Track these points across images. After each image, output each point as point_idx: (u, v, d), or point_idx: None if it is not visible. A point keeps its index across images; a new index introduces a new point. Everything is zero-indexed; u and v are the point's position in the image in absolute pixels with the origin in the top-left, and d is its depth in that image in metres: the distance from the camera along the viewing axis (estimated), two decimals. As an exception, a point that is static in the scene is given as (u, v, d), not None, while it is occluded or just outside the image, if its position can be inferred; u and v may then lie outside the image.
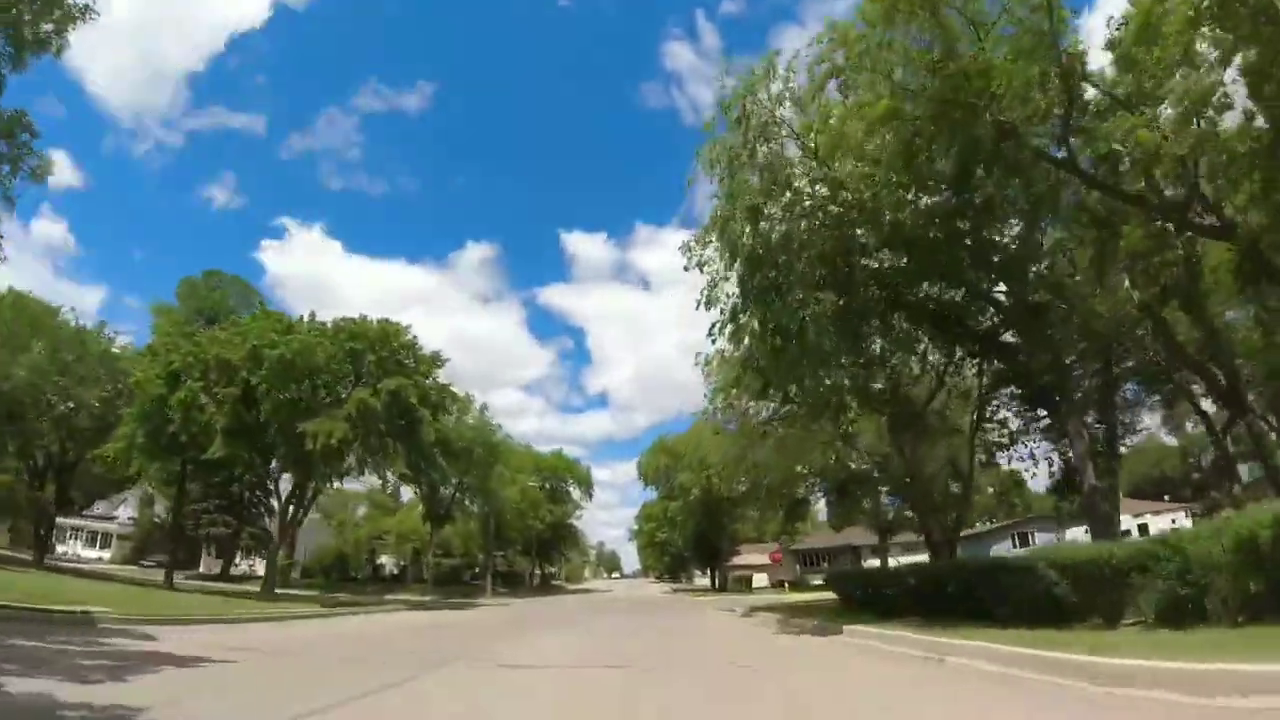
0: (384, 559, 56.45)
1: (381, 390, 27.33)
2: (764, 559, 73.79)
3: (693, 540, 64.99)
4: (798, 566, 60.00)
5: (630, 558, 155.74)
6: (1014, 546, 62.23)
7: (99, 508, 67.15)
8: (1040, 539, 62.99)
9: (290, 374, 27.24)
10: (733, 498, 58.90)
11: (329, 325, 30.34)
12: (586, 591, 62.01)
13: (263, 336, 27.69)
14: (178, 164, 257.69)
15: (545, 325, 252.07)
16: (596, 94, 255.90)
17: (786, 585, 44.92)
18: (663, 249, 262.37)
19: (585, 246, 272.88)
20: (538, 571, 72.37)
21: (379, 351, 28.98)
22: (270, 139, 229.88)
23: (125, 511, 65.50)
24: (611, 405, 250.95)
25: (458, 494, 48.14)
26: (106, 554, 61.16)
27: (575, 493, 64.05)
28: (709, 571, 66.12)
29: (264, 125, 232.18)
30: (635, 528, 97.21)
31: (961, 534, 54.01)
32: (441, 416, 31.90)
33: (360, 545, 53.72)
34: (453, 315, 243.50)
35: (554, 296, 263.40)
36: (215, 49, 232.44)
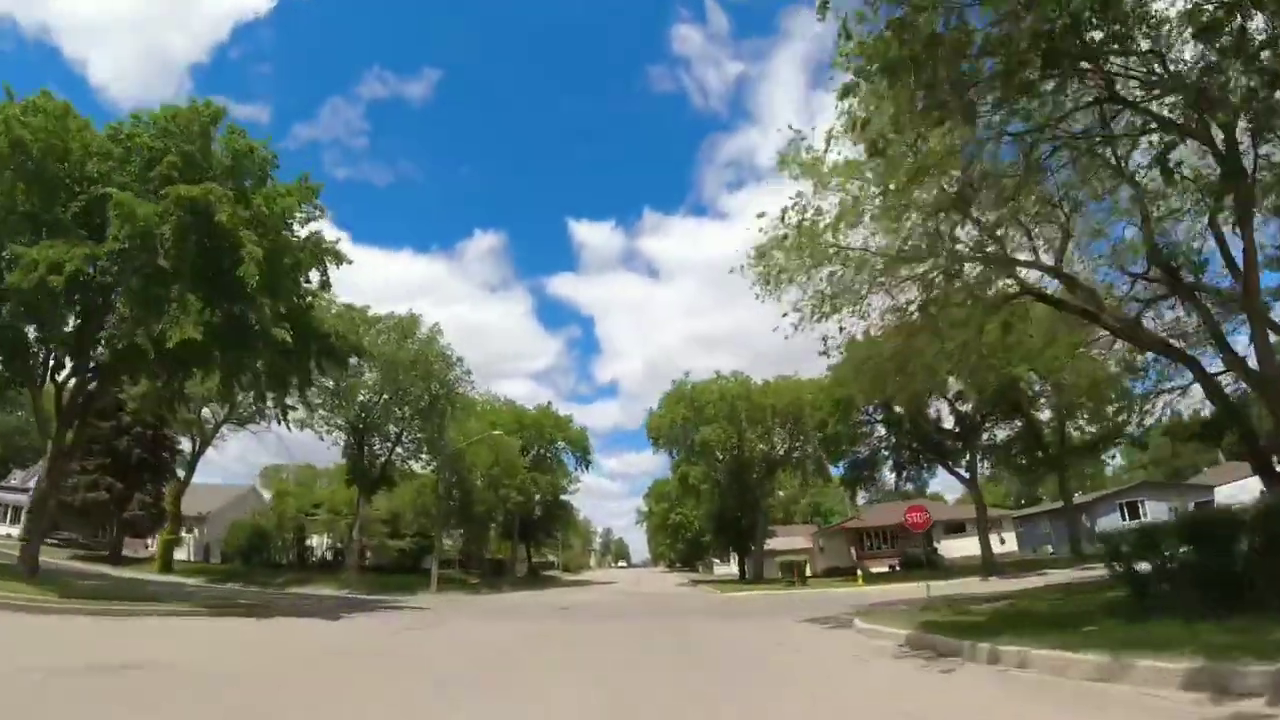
0: (316, 539, 43.84)
1: (170, 199, 14.57)
2: (802, 541, 60.87)
3: (715, 518, 52.21)
4: (852, 549, 47.13)
5: (639, 547, 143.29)
6: (1124, 519, 49.31)
7: (16, 478, 55.40)
8: (1152, 510, 49.92)
9: (20, 169, 14.71)
10: (771, 459, 46.17)
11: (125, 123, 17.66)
12: (583, 584, 49.21)
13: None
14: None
15: (553, 314, 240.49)
16: (603, 79, 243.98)
17: (860, 576, 32.21)
18: (670, 236, 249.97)
19: (592, 234, 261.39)
20: (526, 559, 59.54)
21: (186, 146, 16.22)
22: (275, 129, 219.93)
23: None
24: (621, 395, 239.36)
25: (397, 448, 35.57)
26: (16, 530, 48.87)
27: (569, 461, 51.25)
28: (737, 558, 53.27)
29: (269, 115, 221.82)
30: (644, 509, 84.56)
31: (1062, 502, 40.57)
32: (314, 292, 19.15)
33: (285, 522, 41.28)
34: (460, 305, 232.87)
35: (562, 285, 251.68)
36: (218, 39, 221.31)
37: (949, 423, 39.10)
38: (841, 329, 15.93)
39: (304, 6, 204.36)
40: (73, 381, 18.29)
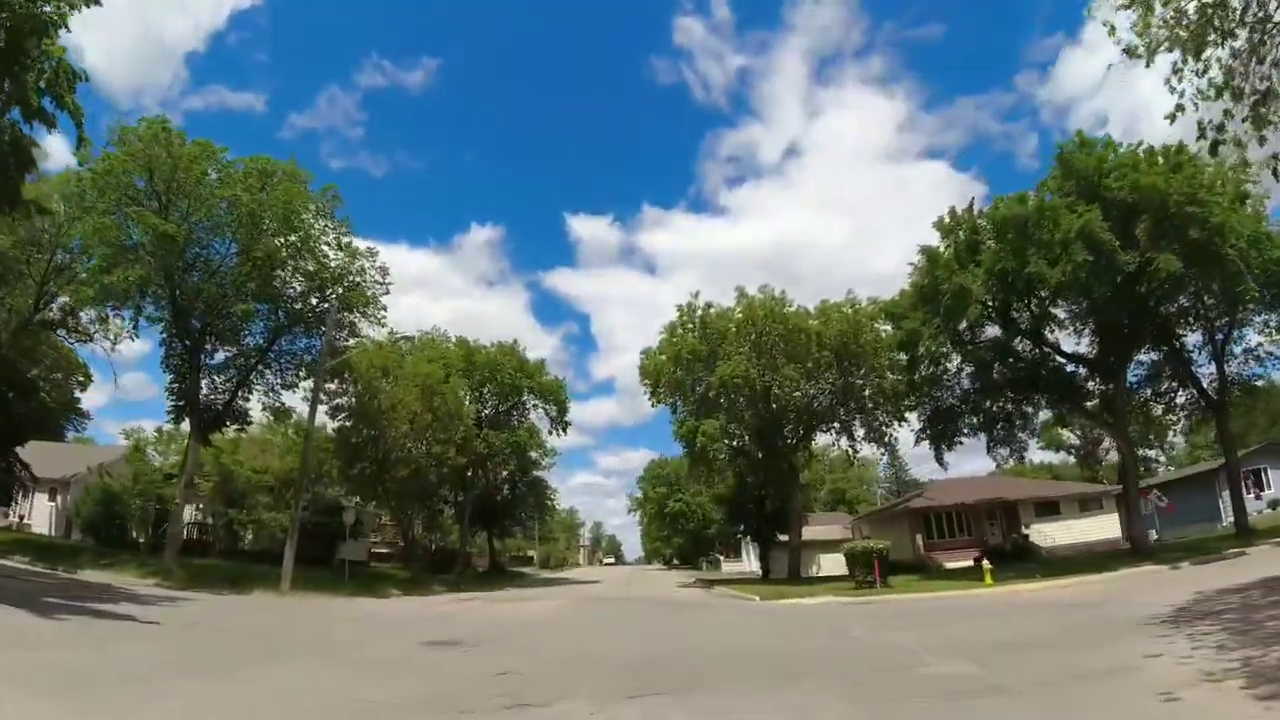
0: (187, 511, 31.44)
1: None
2: (831, 531, 48.99)
3: (730, 500, 40.29)
4: (918, 538, 35.23)
5: (633, 545, 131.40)
6: (1246, 490, 37.53)
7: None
8: (1274, 480, 38.29)
9: None
10: (813, 414, 34.07)
11: None
12: (555, 584, 36.94)
13: None
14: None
15: (550, 310, 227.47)
16: (605, 71, 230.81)
17: (987, 568, 20.14)
18: (669, 232, 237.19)
19: (590, 229, 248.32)
20: (489, 550, 47.22)
21: None
22: (271, 118, 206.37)
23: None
24: (618, 391, 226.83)
25: (263, 367, 23.55)
26: None
27: (541, 421, 38.97)
28: (758, 551, 41.37)
29: (264, 104, 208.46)
30: (638, 495, 72.28)
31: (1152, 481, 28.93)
32: None
33: (143, 486, 29.21)
34: (456, 299, 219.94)
35: (558, 281, 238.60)
36: (216, 26, 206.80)
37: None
38: None
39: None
40: None
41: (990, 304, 22.69)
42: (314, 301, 24.12)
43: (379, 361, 28.10)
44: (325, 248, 23.47)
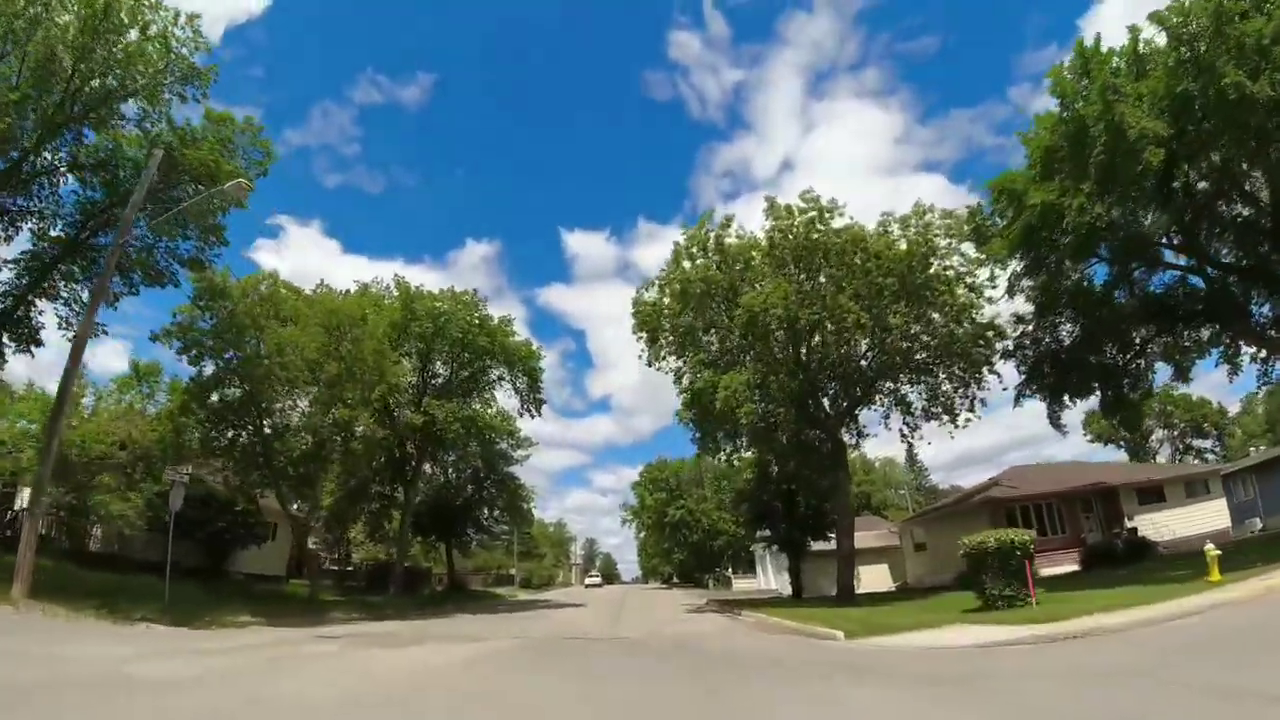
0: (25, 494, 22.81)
1: None
2: (872, 536, 40.53)
3: (752, 495, 31.86)
4: (1002, 535, 26.89)
5: (629, 564, 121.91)
6: None
7: None
8: None
9: None
10: (874, 367, 25.62)
11: None
12: (522, 609, 27.96)
13: None
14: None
15: (546, 326, 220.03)
16: (600, 86, 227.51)
17: (1213, 554, 12.08)
18: (665, 247, 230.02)
19: (586, 245, 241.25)
20: (447, 565, 38.21)
21: None
22: (265, 134, 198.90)
23: None
24: (614, 409, 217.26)
25: (59, 260, 15.32)
26: None
27: (509, 398, 30.56)
28: (788, 563, 32.87)
29: (259, 120, 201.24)
30: (635, 504, 63.39)
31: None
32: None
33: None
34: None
35: (554, 296, 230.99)
36: (211, 43, 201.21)
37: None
38: None
39: (298, 5, 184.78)
40: None
41: (1170, 148, 14.69)
42: (155, 176, 15.98)
43: (269, 294, 19.90)
44: (175, 99, 15.54)
